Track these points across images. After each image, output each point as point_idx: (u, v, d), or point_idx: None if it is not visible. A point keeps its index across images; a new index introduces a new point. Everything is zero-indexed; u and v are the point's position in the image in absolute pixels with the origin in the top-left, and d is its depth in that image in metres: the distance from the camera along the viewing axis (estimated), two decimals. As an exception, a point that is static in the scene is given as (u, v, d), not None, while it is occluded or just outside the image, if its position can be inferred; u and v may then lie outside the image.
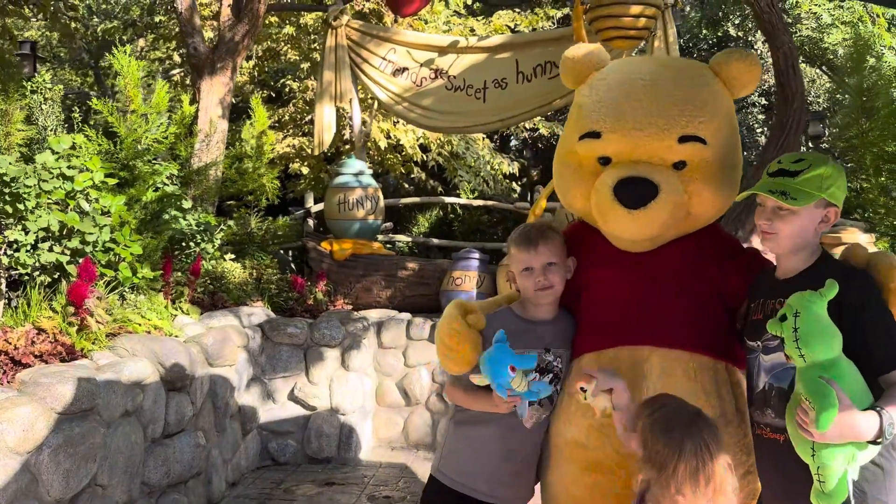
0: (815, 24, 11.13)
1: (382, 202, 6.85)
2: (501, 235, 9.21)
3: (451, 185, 11.40)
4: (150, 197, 4.96)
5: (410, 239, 9.27)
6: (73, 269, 3.94)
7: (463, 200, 9.68)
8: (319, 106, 7.05)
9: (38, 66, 9.77)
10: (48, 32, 15.74)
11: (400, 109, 7.04)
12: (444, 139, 11.00)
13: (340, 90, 7.02)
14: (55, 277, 3.79)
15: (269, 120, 11.09)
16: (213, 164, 6.41)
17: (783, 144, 5.54)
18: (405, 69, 7.00)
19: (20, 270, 3.48)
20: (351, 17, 7.27)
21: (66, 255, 3.62)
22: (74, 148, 4.53)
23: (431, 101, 6.93)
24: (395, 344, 5.70)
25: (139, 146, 4.82)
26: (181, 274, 5.17)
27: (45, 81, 5.23)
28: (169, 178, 5.25)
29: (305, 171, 11.12)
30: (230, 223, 6.29)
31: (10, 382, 3.15)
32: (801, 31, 11.83)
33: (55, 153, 3.66)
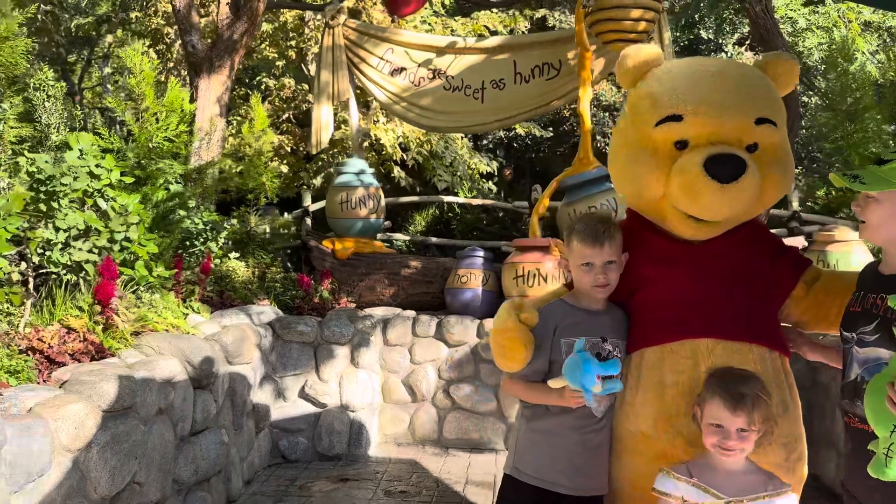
0: (790, 28, 11.46)
1: (384, 201, 6.90)
2: (499, 234, 9.32)
3: (429, 183, 11.50)
4: (160, 196, 4.94)
5: (409, 237, 9.32)
6: (90, 267, 3.93)
7: (461, 199, 9.77)
8: (317, 105, 7.07)
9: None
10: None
11: (398, 109, 7.10)
12: (423, 138, 11.09)
13: (338, 90, 7.05)
14: (81, 277, 3.77)
15: (244, 118, 11.10)
16: (213, 162, 6.39)
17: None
18: (403, 69, 7.05)
19: (51, 269, 3.46)
20: (347, 16, 7.30)
21: (94, 253, 3.60)
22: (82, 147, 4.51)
23: (430, 101, 7.00)
24: (401, 341, 5.75)
25: (151, 145, 4.80)
26: (190, 273, 5.17)
27: (47, 79, 5.16)
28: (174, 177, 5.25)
29: (285, 169, 11.11)
30: (233, 222, 6.28)
31: (46, 381, 3.15)
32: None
33: (81, 151, 3.63)
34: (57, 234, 3.43)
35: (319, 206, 8.28)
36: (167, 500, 3.57)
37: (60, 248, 3.46)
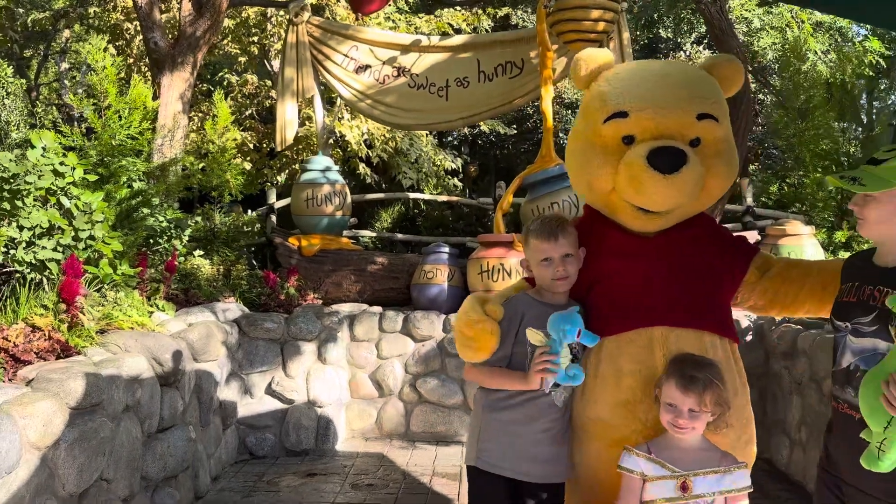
0: (746, 28, 11.75)
1: (350, 198, 6.93)
2: (464, 230, 9.42)
3: (395, 180, 11.55)
4: (123, 194, 4.92)
5: (375, 234, 9.36)
6: (54, 266, 3.91)
7: (427, 196, 9.84)
8: (281, 103, 7.07)
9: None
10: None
11: (363, 106, 7.14)
12: (388, 135, 11.13)
13: (302, 87, 7.07)
14: (45, 275, 3.76)
15: (207, 115, 11.01)
16: (175, 160, 6.37)
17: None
18: (368, 66, 7.10)
19: (16, 268, 3.44)
20: (311, 12, 7.31)
21: (58, 251, 3.59)
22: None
23: (395, 98, 7.06)
24: (367, 337, 5.80)
25: (113, 142, 4.77)
26: (155, 270, 5.16)
27: (6, 75, 5.09)
28: (137, 174, 5.22)
29: (248, 166, 11.04)
30: (197, 219, 6.26)
31: (11, 380, 3.15)
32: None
33: (44, 149, 3.62)
34: (21, 232, 3.41)
35: (284, 203, 8.28)
36: (135, 496, 3.58)
37: (25, 246, 3.44)
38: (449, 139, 17.56)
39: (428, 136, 12.34)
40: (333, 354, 5.57)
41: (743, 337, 5.26)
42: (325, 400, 5.46)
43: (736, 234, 2.74)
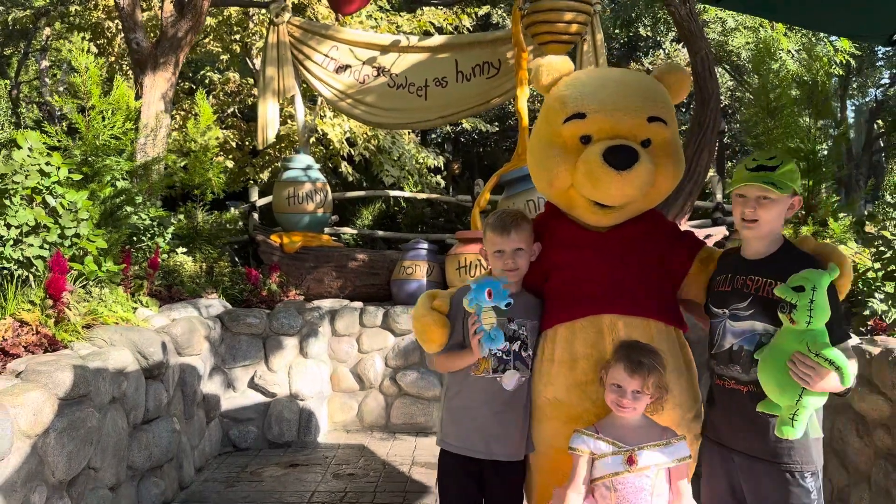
0: (720, 27, 11.99)
1: (331, 196, 7.06)
2: (444, 227, 9.56)
3: (377, 178, 11.67)
4: (107, 192, 5.03)
5: (356, 231, 9.49)
6: (40, 263, 4.02)
7: (407, 194, 9.98)
8: (262, 102, 7.18)
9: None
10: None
11: (344, 106, 7.27)
12: (370, 133, 11.26)
13: (283, 86, 7.18)
14: (31, 272, 3.87)
15: (188, 113, 11.06)
16: (158, 158, 6.47)
17: (701, 142, 6.10)
18: (348, 66, 7.22)
19: (3, 264, 3.55)
20: (292, 12, 7.42)
21: (45, 248, 3.71)
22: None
23: (375, 98, 7.19)
24: (348, 331, 5.95)
25: (97, 142, 4.87)
26: (138, 267, 5.26)
27: (-10, 76, 5.16)
28: (121, 174, 5.32)
29: (230, 164, 11.12)
30: (180, 217, 6.37)
31: (1, 372, 3.26)
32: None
33: (31, 149, 3.73)
34: (9, 230, 3.52)
35: (266, 200, 8.39)
36: (122, 485, 3.71)
37: (12, 244, 3.55)
38: (432, 137, 17.70)
39: (410, 133, 12.48)
40: (315, 349, 5.71)
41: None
42: (306, 393, 5.60)
43: (709, 231, 2.94)
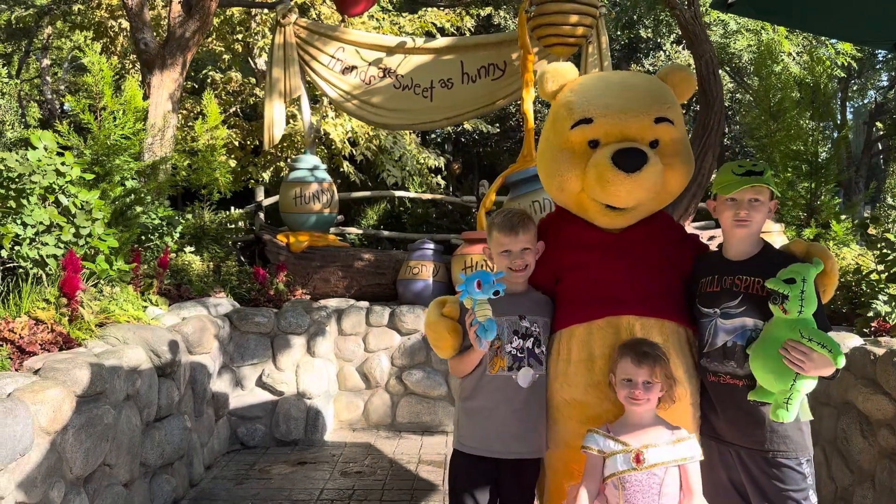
0: (722, 30, 12.05)
1: (337, 196, 7.11)
2: (448, 227, 9.61)
3: (378, 178, 11.71)
4: (118, 192, 5.07)
5: (361, 231, 9.53)
6: (53, 262, 4.07)
7: (412, 194, 10.03)
8: (269, 102, 7.20)
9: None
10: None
11: (350, 107, 7.31)
12: (372, 133, 11.30)
13: (289, 87, 7.21)
14: (45, 270, 3.91)
15: (191, 112, 11.10)
16: (166, 158, 6.51)
17: (705, 144, 6.15)
18: (354, 67, 7.26)
19: (20, 263, 3.60)
20: (298, 13, 7.46)
21: (60, 247, 3.75)
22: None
23: (380, 99, 7.23)
24: (355, 331, 5.99)
25: (108, 142, 4.92)
26: (148, 266, 5.31)
27: (1, 76, 5.21)
28: (130, 173, 5.37)
29: (233, 163, 11.15)
30: (188, 216, 6.41)
31: (18, 370, 3.31)
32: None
33: (46, 149, 3.77)
34: (25, 229, 3.56)
35: (272, 200, 8.43)
36: (135, 481, 3.75)
37: (28, 243, 3.59)
38: (433, 137, 17.73)
39: (411, 134, 12.51)
40: (322, 348, 5.76)
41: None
42: (313, 392, 5.64)
43: (711, 232, 3.00)
